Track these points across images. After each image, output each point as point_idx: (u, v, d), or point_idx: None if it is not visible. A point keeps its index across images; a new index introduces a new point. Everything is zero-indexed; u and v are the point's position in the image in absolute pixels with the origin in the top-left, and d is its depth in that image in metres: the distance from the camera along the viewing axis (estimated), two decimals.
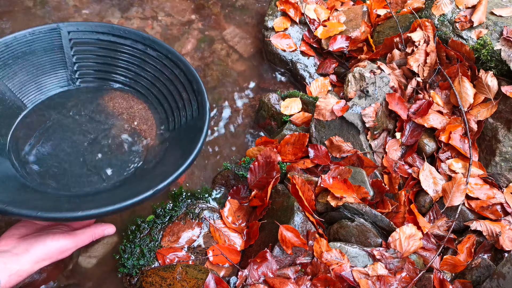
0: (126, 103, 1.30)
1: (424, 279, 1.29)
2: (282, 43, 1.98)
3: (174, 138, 1.21)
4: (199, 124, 1.14)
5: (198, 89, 1.21)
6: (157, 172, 1.10)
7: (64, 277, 1.36)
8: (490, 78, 1.54)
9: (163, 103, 1.29)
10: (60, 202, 1.03)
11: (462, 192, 1.43)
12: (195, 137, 1.10)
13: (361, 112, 1.55)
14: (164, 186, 0.97)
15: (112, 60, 1.32)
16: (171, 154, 1.16)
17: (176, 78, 1.26)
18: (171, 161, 1.11)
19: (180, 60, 1.26)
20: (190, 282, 1.27)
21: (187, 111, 1.22)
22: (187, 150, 1.07)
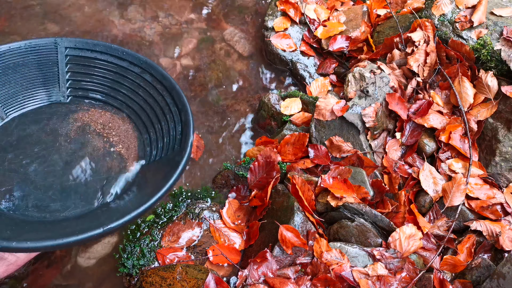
0: (112, 125, 1.26)
1: (424, 279, 1.29)
2: (282, 43, 1.98)
3: (149, 170, 1.17)
4: (177, 159, 1.08)
5: (186, 120, 1.17)
6: (119, 207, 1.06)
7: (64, 277, 1.36)
8: (490, 78, 1.54)
9: (150, 130, 1.26)
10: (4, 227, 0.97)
11: (462, 192, 1.43)
12: (169, 172, 1.04)
13: (361, 112, 1.55)
14: (120, 225, 0.91)
15: (106, 81, 1.29)
16: (140, 189, 1.12)
17: (166, 105, 1.24)
18: (138, 198, 1.06)
19: (173, 88, 1.23)
20: (190, 282, 1.27)
21: (170, 142, 1.18)
22: (157, 186, 1.01)
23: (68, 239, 0.86)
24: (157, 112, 1.25)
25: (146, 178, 1.15)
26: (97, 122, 1.26)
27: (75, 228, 0.94)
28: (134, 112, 1.28)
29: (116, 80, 1.29)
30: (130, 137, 1.25)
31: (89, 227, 0.90)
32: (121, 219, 0.92)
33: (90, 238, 0.88)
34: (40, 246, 0.84)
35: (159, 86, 1.25)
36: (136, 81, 1.28)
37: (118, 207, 1.06)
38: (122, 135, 1.25)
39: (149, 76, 1.26)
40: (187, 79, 1.93)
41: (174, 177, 1.02)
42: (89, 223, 0.98)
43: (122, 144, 1.23)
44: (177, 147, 1.14)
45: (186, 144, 1.11)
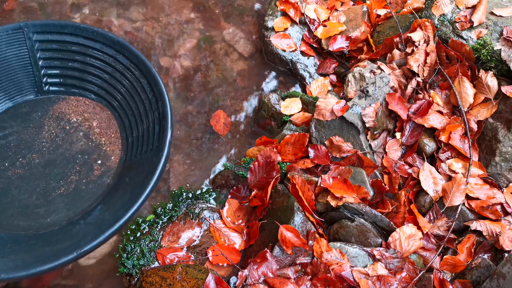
0: (93, 115, 1.17)
1: (424, 279, 1.29)
2: (282, 43, 1.98)
3: (129, 171, 1.07)
4: (155, 160, 0.98)
5: (163, 113, 1.05)
6: (96, 221, 0.98)
7: (63, 277, 1.36)
8: (490, 78, 1.54)
9: (130, 120, 1.14)
10: None
11: (462, 192, 1.43)
12: (146, 178, 0.95)
13: (361, 112, 1.55)
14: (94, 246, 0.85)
15: (81, 66, 1.19)
16: (119, 195, 1.03)
17: (143, 92, 1.12)
18: (115, 207, 0.98)
19: (149, 73, 1.11)
20: (190, 282, 1.27)
21: (149, 138, 1.07)
22: (134, 196, 0.93)
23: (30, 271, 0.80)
24: (135, 100, 1.14)
25: (125, 181, 1.06)
26: (77, 112, 1.17)
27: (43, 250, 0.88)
28: (114, 99, 1.18)
29: (91, 64, 1.18)
30: (112, 128, 1.16)
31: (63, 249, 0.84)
32: (95, 239, 0.86)
33: (63, 264, 0.83)
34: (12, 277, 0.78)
35: (136, 70, 1.14)
36: (112, 64, 1.16)
37: (95, 221, 0.98)
38: (104, 126, 1.16)
39: (125, 59, 1.15)
40: (187, 79, 1.92)
41: (152, 183, 0.94)
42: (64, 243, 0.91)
43: (105, 137, 1.15)
44: (155, 145, 1.04)
45: (163, 142, 1.01)
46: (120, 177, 1.09)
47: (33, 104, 1.19)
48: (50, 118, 1.16)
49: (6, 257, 0.90)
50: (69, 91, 1.21)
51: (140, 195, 0.93)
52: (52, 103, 1.20)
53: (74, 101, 1.21)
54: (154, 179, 0.95)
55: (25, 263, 0.81)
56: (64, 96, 1.21)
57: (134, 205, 0.92)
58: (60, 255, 0.83)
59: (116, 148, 1.14)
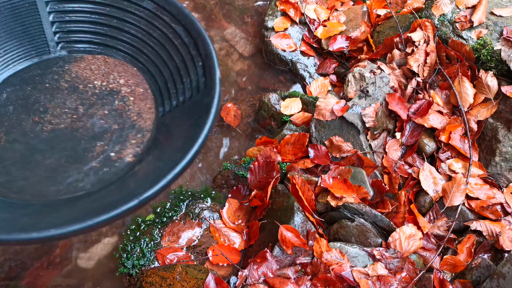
0: (117, 74, 1.03)
1: (424, 279, 1.29)
2: (282, 43, 1.98)
3: (174, 120, 0.95)
4: (206, 101, 0.87)
5: (206, 52, 0.93)
6: (150, 169, 0.87)
7: (64, 277, 1.36)
8: (490, 78, 1.54)
9: (163, 72, 1.01)
10: (19, 214, 0.82)
11: (462, 192, 1.43)
12: (200, 119, 0.84)
13: (361, 112, 1.55)
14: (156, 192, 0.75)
15: (99, 18, 1.04)
16: (169, 143, 0.91)
17: (177, 37, 0.98)
18: (168, 154, 0.87)
19: (182, 14, 0.97)
20: (190, 282, 1.27)
21: (192, 83, 0.95)
22: (189, 138, 0.82)
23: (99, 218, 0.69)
24: (167, 48, 1.00)
25: (170, 130, 0.94)
26: (99, 71, 1.04)
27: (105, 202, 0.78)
28: (141, 52, 1.04)
29: (111, 15, 1.04)
30: (141, 84, 1.03)
31: (120, 199, 0.73)
32: (158, 183, 0.74)
33: (127, 211, 0.71)
34: (67, 231, 0.67)
35: (165, 15, 0.99)
36: (135, 12, 1.02)
37: (147, 171, 0.86)
38: (131, 83, 1.02)
39: (150, 4, 1.01)
40: None
41: (209, 122, 0.82)
42: (117, 194, 0.81)
43: (132, 95, 1.01)
44: (202, 87, 0.92)
45: (212, 81, 0.89)
46: (160, 130, 0.97)
47: (46, 65, 1.06)
48: (68, 79, 1.04)
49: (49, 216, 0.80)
50: (85, 49, 1.07)
51: (198, 135, 0.81)
52: (67, 62, 1.06)
53: (92, 59, 1.06)
54: (211, 117, 0.84)
55: (75, 218, 0.70)
56: (80, 55, 1.07)
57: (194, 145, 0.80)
58: (118, 205, 0.71)
59: (148, 103, 1.01)
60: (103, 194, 0.85)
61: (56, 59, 1.07)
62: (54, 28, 1.06)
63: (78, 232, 0.69)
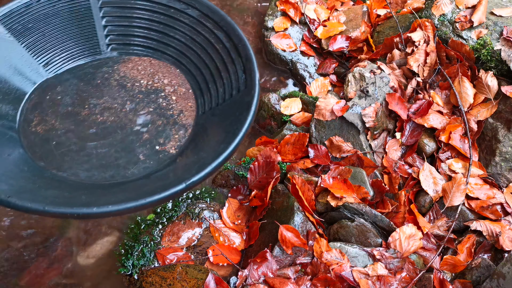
0: (161, 74, 1.13)
1: (424, 279, 1.29)
2: (282, 43, 1.98)
3: (215, 117, 1.03)
4: (246, 99, 0.95)
5: (246, 56, 1.02)
6: (193, 160, 0.95)
7: (63, 277, 1.36)
8: (490, 78, 1.54)
9: (205, 74, 1.10)
10: (77, 193, 0.90)
11: (462, 192, 1.43)
12: (241, 115, 0.92)
13: (361, 112, 1.55)
14: (201, 178, 0.82)
15: (146, 23, 1.15)
16: (211, 137, 0.99)
17: (219, 42, 1.07)
18: (210, 146, 0.95)
19: (224, 21, 1.07)
20: (190, 282, 1.27)
21: (233, 84, 1.03)
22: (231, 132, 0.90)
23: (152, 198, 0.77)
24: (209, 52, 1.09)
25: (211, 126, 1.02)
26: (145, 72, 1.14)
27: (153, 186, 0.85)
28: (184, 55, 1.13)
29: (157, 20, 1.14)
30: (183, 85, 1.12)
31: (169, 183, 0.81)
32: (203, 170, 0.81)
33: (175, 194, 0.79)
34: (124, 207, 0.76)
35: (208, 22, 1.09)
36: (180, 19, 1.12)
37: (191, 161, 0.94)
38: (174, 83, 1.11)
39: (195, 11, 1.10)
40: None
41: (249, 118, 0.90)
42: (165, 180, 0.89)
43: (175, 94, 1.10)
44: (242, 87, 1.00)
45: (252, 82, 0.98)
46: (202, 127, 1.06)
47: (97, 64, 1.17)
48: (117, 78, 1.14)
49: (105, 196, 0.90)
50: (133, 51, 1.18)
51: (240, 129, 0.90)
52: (116, 63, 1.17)
53: (139, 61, 1.17)
54: (251, 113, 0.93)
55: (128, 198, 0.79)
56: (128, 57, 1.18)
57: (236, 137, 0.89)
58: (166, 188, 0.79)
59: (190, 102, 1.12)
60: (151, 179, 0.94)
61: (107, 59, 1.17)
62: (106, 31, 1.18)
63: (132, 210, 0.78)
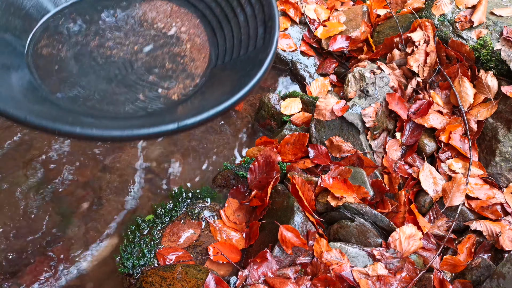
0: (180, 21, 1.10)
1: (424, 279, 1.29)
2: (282, 43, 1.98)
3: (225, 71, 1.02)
4: (261, 56, 0.93)
5: (270, 14, 1.00)
6: (193, 107, 0.94)
7: (63, 277, 1.36)
8: (490, 78, 1.54)
9: (224, 27, 1.08)
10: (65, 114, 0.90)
11: (462, 192, 1.43)
12: (252, 71, 0.90)
13: (361, 112, 1.55)
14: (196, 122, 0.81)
15: None
16: (216, 89, 0.97)
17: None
18: (214, 97, 0.93)
19: None
20: (190, 282, 1.27)
21: (250, 40, 1.01)
22: (238, 86, 0.88)
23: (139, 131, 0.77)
24: (233, 6, 1.07)
25: (219, 80, 1.00)
26: (165, 16, 1.11)
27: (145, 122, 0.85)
28: (206, 6, 1.10)
29: None
30: (201, 35, 1.09)
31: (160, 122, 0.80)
32: (199, 115, 0.80)
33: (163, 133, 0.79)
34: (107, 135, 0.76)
35: None
36: None
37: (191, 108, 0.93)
38: (192, 32, 1.09)
39: None
40: None
41: (259, 74, 0.87)
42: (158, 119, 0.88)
43: (191, 42, 1.08)
44: (259, 44, 0.98)
45: (271, 40, 0.95)
46: (209, 79, 1.04)
47: None
48: (135, 16, 1.11)
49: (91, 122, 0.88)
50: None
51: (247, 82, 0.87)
52: (137, 1, 1.13)
53: (161, 4, 1.14)
54: (263, 69, 0.90)
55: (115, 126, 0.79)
56: None
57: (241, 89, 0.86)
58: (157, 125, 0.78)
59: (203, 53, 1.09)
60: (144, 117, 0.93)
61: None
62: None
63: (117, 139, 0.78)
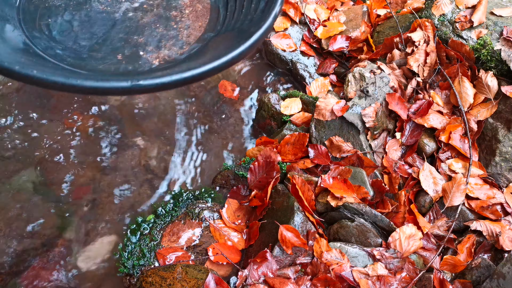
0: None
1: (424, 279, 1.29)
2: (282, 43, 1.98)
3: (214, 43, 0.98)
4: (252, 29, 0.89)
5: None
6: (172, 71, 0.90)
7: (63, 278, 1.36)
8: (490, 78, 1.54)
9: None
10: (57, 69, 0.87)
11: (462, 192, 1.43)
12: (239, 44, 0.86)
13: (361, 112, 1.55)
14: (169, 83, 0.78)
15: None
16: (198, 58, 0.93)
17: None
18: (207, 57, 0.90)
19: None
20: (190, 282, 1.27)
21: (250, 11, 0.99)
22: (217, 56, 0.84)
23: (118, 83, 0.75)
24: None
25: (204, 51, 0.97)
26: None
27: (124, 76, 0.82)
28: None
29: None
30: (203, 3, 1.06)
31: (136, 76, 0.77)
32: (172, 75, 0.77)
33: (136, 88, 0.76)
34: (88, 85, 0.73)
35: None
36: None
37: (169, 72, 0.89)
38: None
39: None
40: None
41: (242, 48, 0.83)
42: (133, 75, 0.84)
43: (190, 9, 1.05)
44: (256, 17, 0.95)
45: (268, 14, 0.90)
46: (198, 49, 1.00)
47: None
48: None
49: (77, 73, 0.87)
50: None
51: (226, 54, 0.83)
52: None
53: None
54: (249, 42, 0.85)
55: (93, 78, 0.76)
56: None
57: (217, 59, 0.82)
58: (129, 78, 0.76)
59: (200, 22, 1.06)
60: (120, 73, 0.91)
61: None
62: None
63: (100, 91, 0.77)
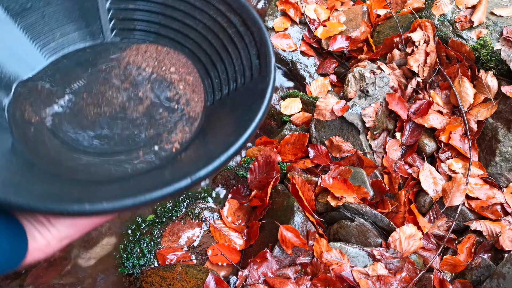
0: (168, 62, 1.07)
1: (424, 279, 1.29)
2: (282, 43, 1.98)
3: (225, 108, 0.98)
4: (260, 87, 0.89)
5: (261, 40, 0.96)
6: (199, 154, 0.89)
7: (64, 278, 1.36)
8: (490, 78, 1.54)
9: (215, 61, 1.04)
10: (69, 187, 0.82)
11: (462, 192, 1.43)
12: (254, 104, 0.86)
13: (361, 112, 1.55)
14: (209, 172, 0.74)
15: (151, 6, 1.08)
16: (218, 130, 0.93)
17: (232, 26, 1.01)
18: (219, 139, 0.88)
19: (238, 3, 1.01)
20: (190, 282, 1.27)
21: (246, 71, 0.98)
22: (242, 123, 0.83)
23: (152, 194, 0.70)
24: (221, 37, 1.04)
25: (219, 118, 0.96)
26: (151, 59, 1.08)
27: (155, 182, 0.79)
28: (193, 41, 1.08)
29: (165, 3, 1.08)
30: (191, 73, 1.06)
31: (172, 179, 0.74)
32: (210, 164, 0.74)
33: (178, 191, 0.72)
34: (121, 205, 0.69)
35: (220, 4, 1.04)
36: (190, 1, 1.06)
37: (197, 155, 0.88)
38: (182, 71, 1.06)
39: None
40: None
41: (263, 107, 0.83)
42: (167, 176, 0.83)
43: (182, 83, 1.05)
44: (256, 74, 0.95)
45: (267, 68, 0.91)
46: (209, 119, 0.99)
47: (99, 49, 1.09)
48: (120, 64, 1.08)
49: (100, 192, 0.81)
50: (138, 36, 1.11)
51: (252, 119, 0.82)
52: (120, 49, 1.10)
53: (145, 47, 1.10)
54: (265, 101, 0.85)
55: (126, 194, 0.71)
56: (133, 42, 1.11)
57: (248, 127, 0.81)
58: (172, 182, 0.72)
59: (198, 91, 1.05)
60: (152, 175, 0.86)
61: (109, 44, 1.09)
62: (109, 14, 1.10)
63: (130, 208, 0.70)
